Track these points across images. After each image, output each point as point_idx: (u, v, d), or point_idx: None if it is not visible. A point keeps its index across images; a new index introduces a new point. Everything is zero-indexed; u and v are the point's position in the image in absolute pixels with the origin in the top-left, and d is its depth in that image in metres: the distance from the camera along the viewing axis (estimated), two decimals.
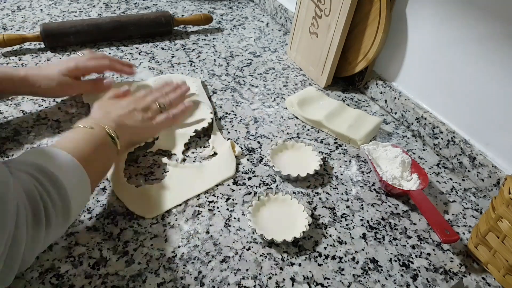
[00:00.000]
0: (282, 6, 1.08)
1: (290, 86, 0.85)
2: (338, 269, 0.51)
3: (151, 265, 0.48)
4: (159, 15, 0.94)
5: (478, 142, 0.66)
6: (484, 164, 0.64)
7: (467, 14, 0.62)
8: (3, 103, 0.70)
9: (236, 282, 0.48)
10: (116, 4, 1.08)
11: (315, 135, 0.73)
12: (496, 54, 0.59)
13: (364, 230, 0.56)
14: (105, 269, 0.47)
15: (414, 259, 0.53)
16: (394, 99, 0.78)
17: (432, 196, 0.63)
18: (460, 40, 0.64)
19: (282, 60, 0.94)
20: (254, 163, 0.65)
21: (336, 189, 0.62)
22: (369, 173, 0.66)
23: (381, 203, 0.61)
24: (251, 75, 0.87)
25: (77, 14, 1.00)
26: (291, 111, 0.77)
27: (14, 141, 0.62)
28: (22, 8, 1.00)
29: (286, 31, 1.07)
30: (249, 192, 0.60)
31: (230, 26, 1.06)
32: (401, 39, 0.75)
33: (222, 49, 0.95)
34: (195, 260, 0.49)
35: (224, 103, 0.77)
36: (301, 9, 0.89)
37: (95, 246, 0.49)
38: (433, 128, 0.71)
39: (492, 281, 0.52)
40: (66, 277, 0.46)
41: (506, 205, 0.47)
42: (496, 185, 0.63)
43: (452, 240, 0.52)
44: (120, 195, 0.56)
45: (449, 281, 0.51)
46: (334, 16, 0.79)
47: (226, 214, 0.56)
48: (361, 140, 0.69)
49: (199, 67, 0.87)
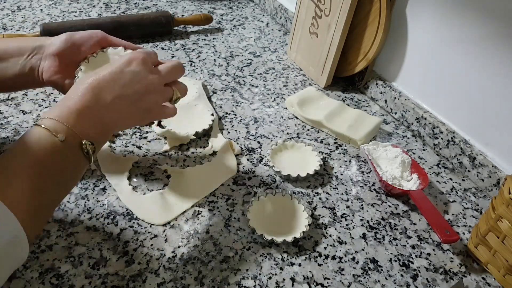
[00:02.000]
0: (282, 6, 1.08)
1: (290, 86, 0.85)
2: (338, 269, 0.51)
3: (151, 265, 0.48)
4: (159, 15, 0.94)
5: (478, 142, 0.66)
6: (484, 164, 0.64)
7: (467, 14, 0.62)
8: (3, 103, 0.70)
9: (236, 282, 0.48)
10: (116, 4, 1.08)
11: (315, 135, 0.73)
12: (496, 54, 0.59)
13: (364, 230, 0.56)
14: (105, 269, 0.47)
15: (414, 259, 0.53)
16: (394, 99, 0.78)
17: (432, 196, 0.63)
18: (460, 40, 0.64)
19: (282, 60, 0.94)
20: (254, 163, 0.65)
21: (336, 189, 0.62)
22: (369, 173, 0.66)
23: (381, 203, 0.61)
24: (251, 75, 0.87)
25: (77, 14, 1.00)
26: (291, 111, 0.77)
27: (14, 141, 0.62)
28: (22, 8, 1.00)
29: (286, 31, 1.07)
30: (249, 192, 0.60)
31: (230, 26, 1.06)
32: (401, 39, 0.75)
33: (222, 49, 0.95)
34: (195, 260, 0.49)
35: (224, 103, 0.77)
36: (301, 9, 0.89)
37: (95, 246, 0.49)
38: (433, 128, 0.71)
39: (492, 281, 0.52)
40: (66, 277, 0.46)
41: (506, 205, 0.47)
42: (496, 185, 0.63)
43: (452, 240, 0.52)
44: (128, 204, 0.55)
45: (449, 281, 0.51)
46: (334, 16, 0.79)
47: (226, 214, 0.56)
48: (361, 140, 0.69)
49: (199, 67, 0.87)
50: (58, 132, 0.38)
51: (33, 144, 0.37)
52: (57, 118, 0.39)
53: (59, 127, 0.38)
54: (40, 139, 0.37)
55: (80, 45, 0.51)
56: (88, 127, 0.41)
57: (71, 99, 0.41)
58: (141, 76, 0.44)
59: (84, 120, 0.40)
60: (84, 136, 0.40)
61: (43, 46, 0.50)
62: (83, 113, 0.40)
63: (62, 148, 0.38)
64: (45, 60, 0.50)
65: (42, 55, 0.50)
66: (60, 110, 0.40)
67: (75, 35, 0.51)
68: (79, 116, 0.40)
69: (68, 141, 0.38)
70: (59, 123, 0.38)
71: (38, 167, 0.36)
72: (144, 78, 0.44)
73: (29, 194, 0.35)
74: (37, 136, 0.37)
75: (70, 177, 0.41)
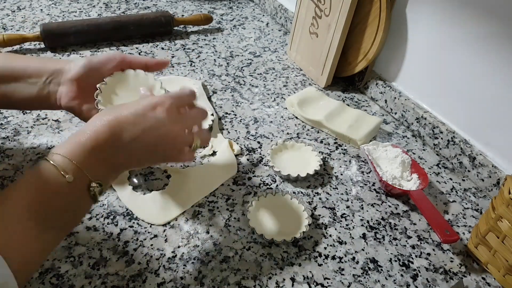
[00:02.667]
0: (282, 6, 1.08)
1: (290, 86, 0.85)
2: (338, 269, 0.51)
3: (151, 265, 0.48)
4: (159, 15, 0.94)
5: (478, 142, 0.66)
6: (484, 164, 0.64)
7: (467, 14, 0.62)
8: None
9: (236, 282, 0.48)
10: (116, 4, 1.08)
11: (315, 135, 0.73)
12: (496, 54, 0.59)
13: (364, 230, 0.56)
14: (105, 269, 0.47)
15: (414, 259, 0.53)
16: (394, 99, 0.78)
17: (432, 196, 0.63)
18: (460, 40, 0.64)
19: (282, 60, 0.94)
20: (254, 163, 0.65)
21: (336, 189, 0.62)
22: (369, 173, 0.66)
23: (381, 203, 0.61)
24: (251, 75, 0.87)
25: (77, 14, 1.00)
26: (291, 111, 0.77)
27: (14, 141, 0.62)
28: (22, 8, 1.00)
29: (286, 31, 1.07)
30: (249, 192, 0.60)
31: (230, 26, 1.06)
32: (401, 39, 0.75)
33: (222, 49, 0.95)
34: (195, 260, 0.49)
35: (224, 103, 0.77)
36: (301, 9, 0.89)
37: (95, 246, 0.49)
38: (433, 128, 0.71)
39: (492, 281, 0.52)
40: (66, 277, 0.46)
41: (506, 205, 0.47)
42: (496, 185, 0.63)
43: (452, 240, 0.52)
44: (128, 204, 0.55)
45: (449, 281, 0.51)
46: (334, 16, 0.79)
47: (226, 214, 0.56)
48: (361, 140, 0.69)
49: (199, 67, 0.87)
50: (67, 172, 0.36)
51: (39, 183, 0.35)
52: (69, 155, 0.37)
53: (69, 166, 0.36)
54: (48, 178, 0.35)
55: (99, 69, 0.51)
56: (98, 167, 0.39)
57: (86, 134, 0.39)
58: (163, 124, 0.42)
59: (95, 159, 0.38)
60: (92, 176, 0.38)
61: (62, 72, 0.50)
62: (96, 152, 0.38)
63: (68, 189, 0.36)
64: (63, 85, 0.50)
65: (61, 80, 0.50)
66: (72, 147, 0.37)
67: (93, 60, 0.51)
68: (91, 154, 0.38)
69: (76, 182, 0.36)
70: (69, 161, 0.36)
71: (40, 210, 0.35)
72: (166, 127, 0.42)
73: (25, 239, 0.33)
74: (45, 174, 0.35)
75: (72, 219, 0.39)
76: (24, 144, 0.62)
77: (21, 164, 0.58)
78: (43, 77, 0.50)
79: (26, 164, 0.58)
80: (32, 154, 0.60)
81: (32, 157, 0.60)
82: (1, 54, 0.52)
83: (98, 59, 0.51)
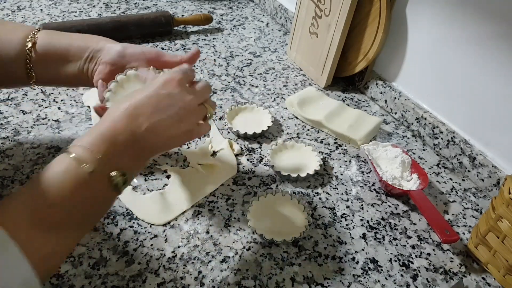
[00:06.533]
0: (282, 6, 1.08)
1: (290, 86, 0.85)
2: (338, 269, 0.51)
3: (151, 265, 0.48)
4: (159, 15, 0.94)
5: (478, 142, 0.66)
6: (484, 164, 0.64)
7: (467, 14, 0.62)
8: (3, 103, 0.70)
9: (236, 282, 0.48)
10: (116, 4, 1.08)
11: (315, 135, 0.73)
12: (496, 54, 0.59)
13: (364, 230, 0.56)
14: (105, 269, 0.47)
15: (414, 259, 0.53)
16: (394, 99, 0.78)
17: (432, 196, 0.63)
18: (460, 40, 0.64)
19: (282, 60, 0.94)
20: (254, 163, 0.65)
21: (336, 189, 0.62)
22: (369, 173, 0.66)
23: (381, 203, 0.61)
24: (251, 75, 0.87)
25: (77, 14, 1.00)
26: (291, 111, 0.77)
27: (14, 141, 0.62)
28: (22, 8, 1.00)
29: (286, 31, 1.07)
30: (249, 192, 0.60)
31: (230, 26, 1.06)
32: (401, 39, 0.75)
33: (222, 49, 0.95)
34: (195, 260, 0.49)
35: (224, 103, 0.77)
36: (301, 9, 0.89)
37: (95, 246, 0.49)
38: (433, 128, 0.71)
39: (492, 281, 0.52)
40: (66, 277, 0.46)
41: (506, 205, 0.47)
42: (496, 185, 0.63)
43: (452, 240, 0.52)
44: (128, 204, 0.55)
45: (449, 281, 0.51)
46: (334, 16, 0.79)
47: (226, 214, 0.56)
48: (361, 140, 0.69)
49: (199, 67, 0.87)
50: (87, 162, 0.35)
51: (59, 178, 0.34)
52: (89, 145, 0.36)
53: (89, 155, 0.35)
54: (66, 171, 0.34)
55: (130, 60, 0.51)
56: (121, 156, 0.38)
57: (104, 124, 0.38)
58: (178, 98, 0.43)
59: (117, 148, 0.38)
60: (115, 165, 0.37)
61: (103, 51, 0.51)
62: (117, 140, 0.38)
63: (89, 180, 0.35)
64: (99, 64, 0.51)
65: (98, 59, 0.51)
66: (92, 137, 0.37)
67: (128, 49, 0.51)
68: (112, 143, 0.37)
69: (96, 172, 0.35)
70: (89, 151, 0.36)
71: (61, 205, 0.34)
72: (182, 100, 0.43)
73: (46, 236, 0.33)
74: (63, 167, 0.35)
75: (95, 212, 0.38)
76: (24, 144, 0.62)
77: (21, 164, 0.58)
78: (84, 56, 0.51)
79: (26, 164, 0.58)
80: (32, 154, 0.60)
81: (32, 157, 0.60)
82: (44, 31, 0.51)
83: (133, 49, 0.51)
